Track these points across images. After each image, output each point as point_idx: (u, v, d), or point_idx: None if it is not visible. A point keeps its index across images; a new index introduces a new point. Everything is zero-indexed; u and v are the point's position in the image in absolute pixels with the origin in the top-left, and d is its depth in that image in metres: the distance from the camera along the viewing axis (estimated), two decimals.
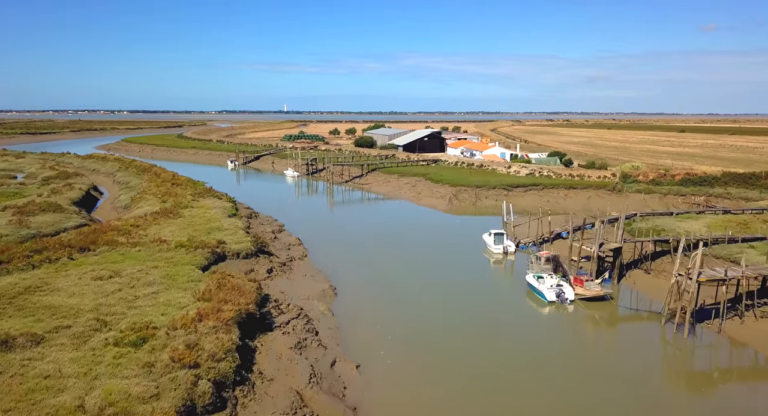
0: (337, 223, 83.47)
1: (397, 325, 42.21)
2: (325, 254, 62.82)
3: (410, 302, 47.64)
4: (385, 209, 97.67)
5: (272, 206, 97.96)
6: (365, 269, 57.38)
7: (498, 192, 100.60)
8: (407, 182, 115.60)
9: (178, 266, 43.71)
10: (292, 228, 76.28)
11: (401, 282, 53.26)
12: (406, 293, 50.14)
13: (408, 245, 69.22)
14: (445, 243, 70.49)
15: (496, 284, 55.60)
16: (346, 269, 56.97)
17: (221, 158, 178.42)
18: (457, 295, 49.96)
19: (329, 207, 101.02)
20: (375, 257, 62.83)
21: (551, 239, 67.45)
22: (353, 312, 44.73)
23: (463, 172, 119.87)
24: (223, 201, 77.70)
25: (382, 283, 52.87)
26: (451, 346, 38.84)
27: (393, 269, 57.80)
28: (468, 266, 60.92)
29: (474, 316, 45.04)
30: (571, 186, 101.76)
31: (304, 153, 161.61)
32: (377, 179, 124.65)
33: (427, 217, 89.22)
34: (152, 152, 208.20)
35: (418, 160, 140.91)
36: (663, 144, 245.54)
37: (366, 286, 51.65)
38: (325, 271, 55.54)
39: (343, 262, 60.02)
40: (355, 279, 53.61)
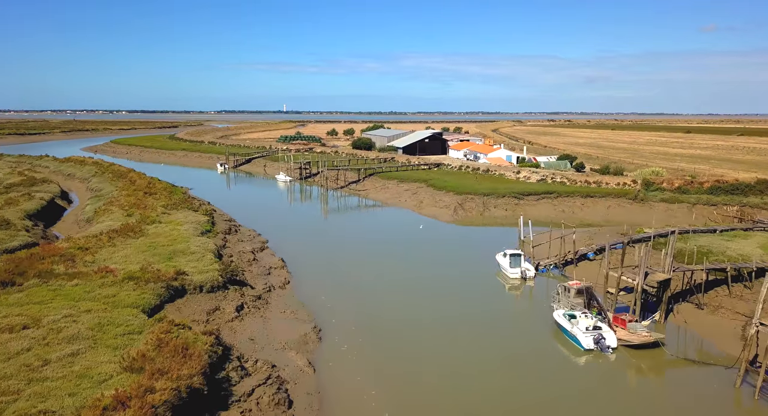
0: (329, 237, 74.10)
1: (395, 384, 32.86)
2: (312, 280, 53.45)
3: (410, 348, 38.28)
4: (384, 220, 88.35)
5: (259, 216, 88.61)
6: (358, 300, 48.02)
7: (508, 201, 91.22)
8: (407, 188, 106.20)
9: (118, 309, 34.29)
10: (277, 244, 66.93)
11: (400, 318, 43.90)
12: (405, 334, 40.77)
13: (410, 265, 59.86)
14: (452, 263, 61.08)
15: (516, 321, 46.16)
16: (335, 300, 47.62)
17: (211, 161, 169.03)
18: (470, 337, 40.56)
19: (322, 216, 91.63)
20: (371, 282, 53.47)
21: (576, 260, 58.02)
22: (341, 365, 35.37)
23: (469, 178, 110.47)
24: (199, 214, 68.26)
25: (377, 320, 43.51)
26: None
27: (391, 300, 48.44)
28: (480, 294, 51.49)
29: (495, 370, 35.66)
30: (588, 194, 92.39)
31: (297, 156, 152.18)
32: (375, 184, 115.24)
33: (430, 229, 79.87)
34: (140, 153, 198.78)
35: (419, 164, 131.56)
36: (672, 145, 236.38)
37: (359, 325, 42.26)
38: (311, 304, 46.17)
39: (333, 290, 50.66)
40: (345, 314, 44.25)
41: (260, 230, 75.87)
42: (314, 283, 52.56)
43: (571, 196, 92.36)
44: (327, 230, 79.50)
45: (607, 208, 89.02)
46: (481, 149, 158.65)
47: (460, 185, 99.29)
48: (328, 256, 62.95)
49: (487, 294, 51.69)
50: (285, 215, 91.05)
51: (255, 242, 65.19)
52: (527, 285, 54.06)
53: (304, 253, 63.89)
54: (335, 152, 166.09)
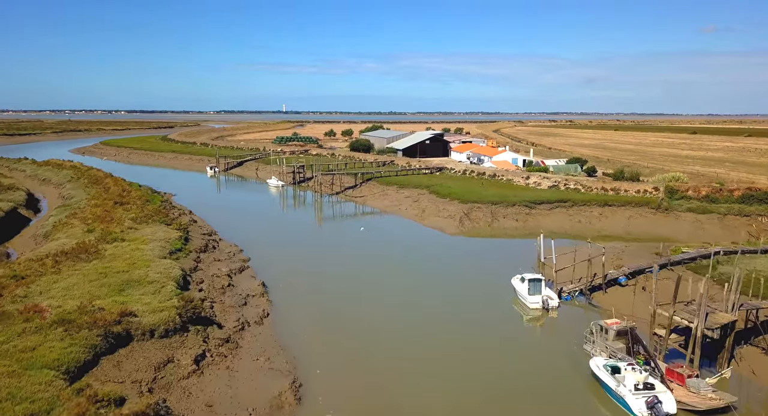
0: (320, 252, 65.90)
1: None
2: (296, 310, 45.31)
3: (414, 407, 30.14)
4: (383, 231, 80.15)
5: (244, 226, 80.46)
6: (351, 338, 39.89)
7: (518, 210, 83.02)
8: (408, 195, 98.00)
9: (30, 372, 26.12)
10: (260, 263, 58.74)
11: (401, 363, 35.75)
12: (408, 389, 32.61)
13: (412, 289, 51.70)
14: (461, 287, 52.92)
15: (540, 367, 37.83)
16: (323, 339, 39.51)
17: (201, 164, 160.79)
18: (487, 390, 32.42)
19: (315, 227, 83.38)
20: (366, 312, 45.33)
21: (605, 285, 49.82)
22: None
23: (474, 183, 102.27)
24: (171, 229, 59.97)
25: (372, 368, 35.35)
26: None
27: (390, 336, 40.32)
28: (495, 330, 43.27)
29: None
30: (606, 203, 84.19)
31: (291, 159, 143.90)
32: (373, 190, 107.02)
33: (433, 242, 71.69)
34: (128, 155, 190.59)
35: (421, 167, 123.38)
36: (681, 147, 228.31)
37: (349, 375, 34.13)
38: (292, 345, 38.03)
39: (321, 324, 42.54)
40: (334, 359, 36.13)
41: (244, 243, 67.76)
42: (299, 315, 44.39)
43: (588, 205, 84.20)
44: (318, 243, 71.29)
45: (628, 218, 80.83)
46: (486, 152, 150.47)
47: (465, 191, 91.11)
48: (318, 277, 54.75)
49: (503, 330, 43.46)
50: (273, 226, 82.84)
51: (234, 262, 56.95)
52: (550, 317, 45.90)
53: (291, 273, 55.70)
54: (332, 155, 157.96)
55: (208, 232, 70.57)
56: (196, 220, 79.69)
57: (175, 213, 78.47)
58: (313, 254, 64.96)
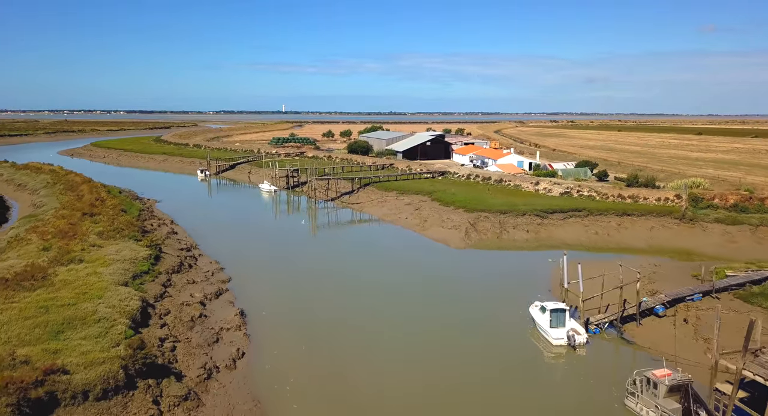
0: (312, 269, 58.94)
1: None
2: (279, 347, 38.32)
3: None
4: (381, 243, 73.13)
5: (230, 237, 73.53)
6: (341, 383, 32.93)
7: (529, 220, 76.05)
8: (409, 202, 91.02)
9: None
10: (242, 283, 51.83)
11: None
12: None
13: (415, 316, 44.78)
14: (468, 313, 45.93)
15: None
16: (308, 384, 32.54)
17: (193, 166, 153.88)
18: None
19: (307, 237, 76.33)
20: (360, 346, 38.37)
21: (638, 315, 42.81)
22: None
23: (479, 190, 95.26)
24: (141, 245, 52.89)
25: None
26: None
27: (391, 377, 33.37)
28: (512, 371, 36.29)
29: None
30: (625, 212, 77.23)
31: (285, 162, 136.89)
32: (371, 196, 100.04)
33: (437, 257, 64.67)
34: (118, 157, 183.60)
35: (422, 171, 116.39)
36: (689, 148, 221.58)
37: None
38: (270, 396, 31.10)
39: (307, 363, 35.55)
40: (321, 412, 29.20)
41: (227, 258, 60.87)
42: (281, 352, 37.40)
43: (605, 214, 77.23)
44: (310, 258, 64.26)
45: (650, 230, 73.85)
46: (490, 154, 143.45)
47: (470, 199, 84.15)
48: (308, 302, 47.77)
49: (521, 374, 36.43)
50: (262, 236, 75.83)
51: (211, 283, 49.96)
52: (577, 354, 38.90)
53: (277, 297, 48.75)
54: (328, 157, 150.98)
55: (187, 246, 63.54)
56: (176, 231, 72.71)
57: (153, 224, 71.53)
58: (303, 272, 57.94)
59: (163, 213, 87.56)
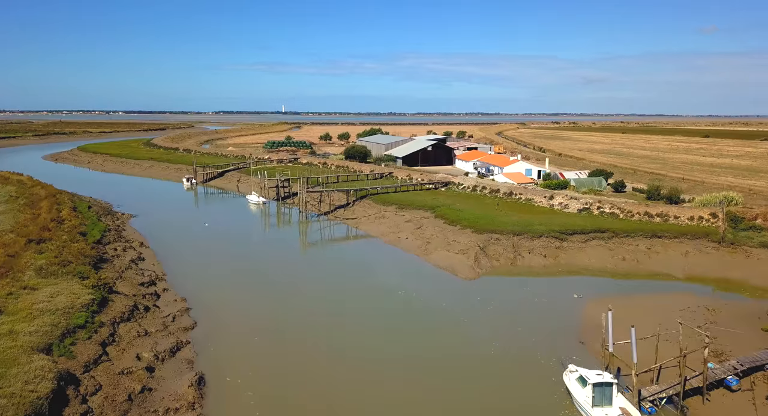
0: (297, 306, 49.87)
1: None
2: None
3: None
4: (378, 271, 63.85)
5: (207, 259, 64.57)
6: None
7: (546, 243, 66.94)
8: (409, 218, 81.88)
9: None
10: (210, 330, 42.78)
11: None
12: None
13: (419, 381, 35.65)
14: (482, 378, 36.81)
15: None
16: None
17: (179, 173, 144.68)
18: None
19: (295, 260, 67.07)
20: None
21: (705, 388, 33.60)
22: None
23: (488, 204, 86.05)
24: (82, 288, 43.46)
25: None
26: None
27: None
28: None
29: None
30: (654, 233, 68.11)
31: (275, 170, 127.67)
32: (368, 210, 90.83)
33: (441, 291, 55.43)
34: (103, 163, 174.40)
35: (423, 182, 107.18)
36: (700, 153, 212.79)
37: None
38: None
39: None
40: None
41: (198, 291, 51.94)
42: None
43: (632, 236, 68.10)
44: (297, 290, 55.08)
45: (685, 255, 64.70)
46: (496, 161, 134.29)
47: (478, 217, 75.01)
48: (290, 359, 38.61)
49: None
50: (244, 258, 66.63)
51: (169, 334, 40.77)
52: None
53: (251, 351, 39.64)
54: (323, 164, 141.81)
55: (151, 278, 54.30)
56: (144, 256, 63.50)
57: (116, 248, 62.33)
58: (287, 310, 48.80)
59: (134, 232, 78.42)
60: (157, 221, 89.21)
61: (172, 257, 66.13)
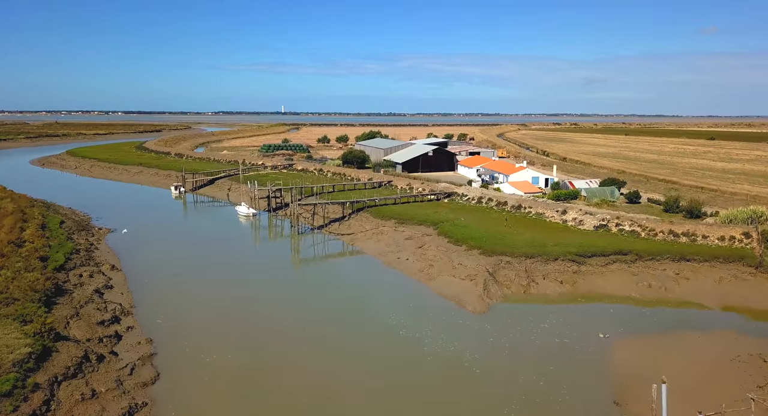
0: (279, 357, 43.10)
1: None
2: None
3: None
4: (376, 303, 57.01)
5: (184, 284, 57.56)
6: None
7: (562, 267, 60.13)
8: (410, 235, 75.10)
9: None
10: (174, 383, 35.97)
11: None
12: None
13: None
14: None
15: None
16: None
17: (168, 180, 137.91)
18: None
19: (283, 285, 60.21)
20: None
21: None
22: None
23: (495, 219, 79.18)
24: (19, 338, 36.00)
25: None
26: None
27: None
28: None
29: None
30: (682, 256, 61.30)
31: (267, 177, 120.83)
32: (365, 225, 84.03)
33: (447, 328, 48.44)
34: (90, 168, 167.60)
35: (425, 193, 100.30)
36: (708, 157, 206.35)
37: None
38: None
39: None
40: None
41: (168, 329, 45.22)
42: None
43: (657, 259, 61.27)
44: (282, 325, 48.26)
45: (718, 282, 57.90)
46: (500, 168, 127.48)
47: (486, 236, 68.19)
48: None
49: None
50: (226, 282, 59.77)
51: (122, 393, 33.90)
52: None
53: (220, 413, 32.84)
54: (319, 170, 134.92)
55: (114, 314, 47.42)
56: (113, 284, 56.65)
57: (81, 275, 55.48)
58: (273, 357, 42.01)
59: (108, 251, 71.57)
60: (137, 235, 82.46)
61: (146, 283, 59.32)
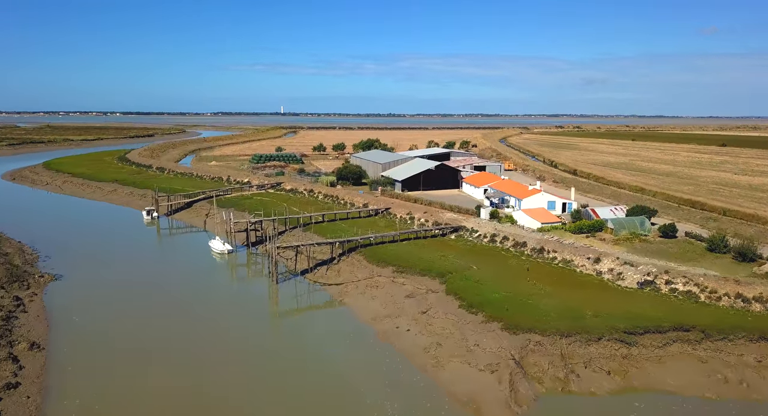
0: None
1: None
2: None
3: None
4: (362, 405, 43.48)
5: (121, 370, 43.69)
6: None
7: (608, 349, 46.59)
8: (411, 291, 61.53)
9: None
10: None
11: None
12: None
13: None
14: None
15: None
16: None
17: (143, 201, 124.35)
18: None
19: (245, 375, 46.69)
20: None
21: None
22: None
23: (513, 268, 65.40)
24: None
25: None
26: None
27: None
28: None
29: None
30: (763, 335, 47.75)
31: (249, 202, 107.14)
32: (357, 273, 70.34)
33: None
34: (62, 184, 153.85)
35: (428, 228, 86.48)
36: (726, 168, 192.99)
37: None
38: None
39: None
40: None
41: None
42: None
43: (729, 337, 47.70)
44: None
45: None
46: (511, 189, 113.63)
47: (506, 297, 54.61)
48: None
49: None
50: (174, 366, 46.16)
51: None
52: None
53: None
54: (310, 191, 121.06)
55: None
56: (19, 381, 42.94)
57: None
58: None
59: (40, 313, 57.89)
60: (87, 284, 69.01)
61: (74, 369, 45.75)
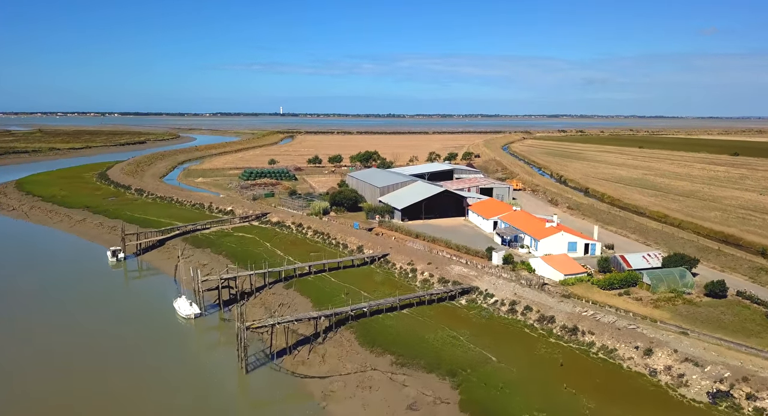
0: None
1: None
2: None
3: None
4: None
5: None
6: None
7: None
8: (414, 399, 48.18)
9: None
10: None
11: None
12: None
13: None
14: None
15: None
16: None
17: (112, 235, 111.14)
18: None
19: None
20: None
21: None
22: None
23: (543, 360, 51.66)
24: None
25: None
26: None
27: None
28: None
29: None
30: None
31: (227, 240, 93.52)
32: (346, 362, 56.66)
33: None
34: (30, 210, 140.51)
35: (433, 286, 72.70)
36: (748, 185, 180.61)
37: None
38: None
39: None
40: None
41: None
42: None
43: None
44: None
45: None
46: (525, 225, 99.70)
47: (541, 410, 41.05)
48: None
49: None
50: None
51: None
52: None
53: None
54: (298, 226, 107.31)
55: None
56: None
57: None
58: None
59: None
60: (9, 339, 55.41)
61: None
